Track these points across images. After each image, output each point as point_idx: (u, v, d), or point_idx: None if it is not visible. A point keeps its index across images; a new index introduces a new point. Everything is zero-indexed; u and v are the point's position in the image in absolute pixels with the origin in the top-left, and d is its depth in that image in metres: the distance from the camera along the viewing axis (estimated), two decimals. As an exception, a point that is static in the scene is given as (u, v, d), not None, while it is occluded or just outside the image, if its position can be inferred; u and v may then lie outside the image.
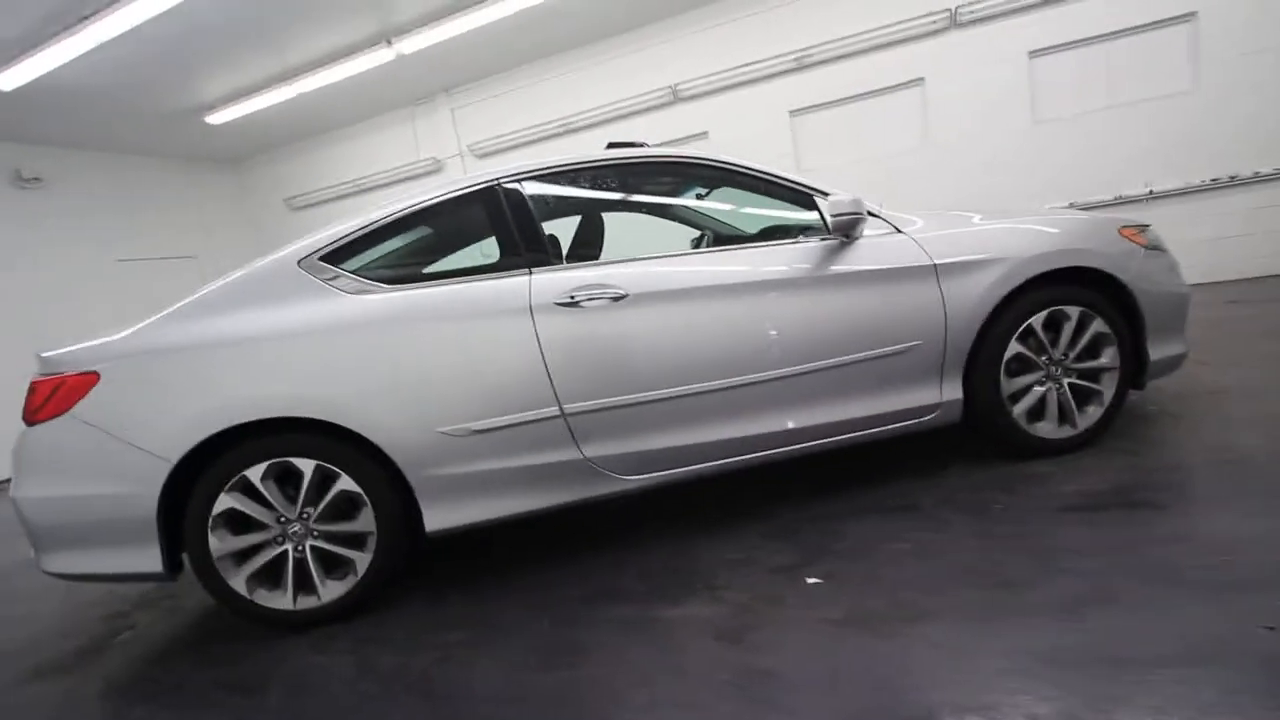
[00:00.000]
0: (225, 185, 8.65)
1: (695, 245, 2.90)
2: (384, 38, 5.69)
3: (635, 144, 2.44)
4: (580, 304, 2.02)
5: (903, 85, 5.86)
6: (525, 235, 2.12)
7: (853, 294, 2.14)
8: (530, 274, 2.06)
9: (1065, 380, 2.33)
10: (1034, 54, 5.48)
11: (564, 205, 2.29)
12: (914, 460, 2.52)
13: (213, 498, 1.92)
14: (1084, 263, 2.27)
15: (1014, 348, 2.26)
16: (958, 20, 5.56)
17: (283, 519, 1.98)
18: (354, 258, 2.10)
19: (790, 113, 6.18)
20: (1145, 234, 2.45)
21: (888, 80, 5.87)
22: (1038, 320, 2.26)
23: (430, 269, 2.12)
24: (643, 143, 2.46)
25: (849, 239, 2.15)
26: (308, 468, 1.95)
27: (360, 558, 2.01)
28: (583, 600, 1.92)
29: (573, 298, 2.01)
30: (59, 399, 1.92)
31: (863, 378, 2.16)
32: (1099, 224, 2.39)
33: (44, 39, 4.64)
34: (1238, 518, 1.76)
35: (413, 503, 2.02)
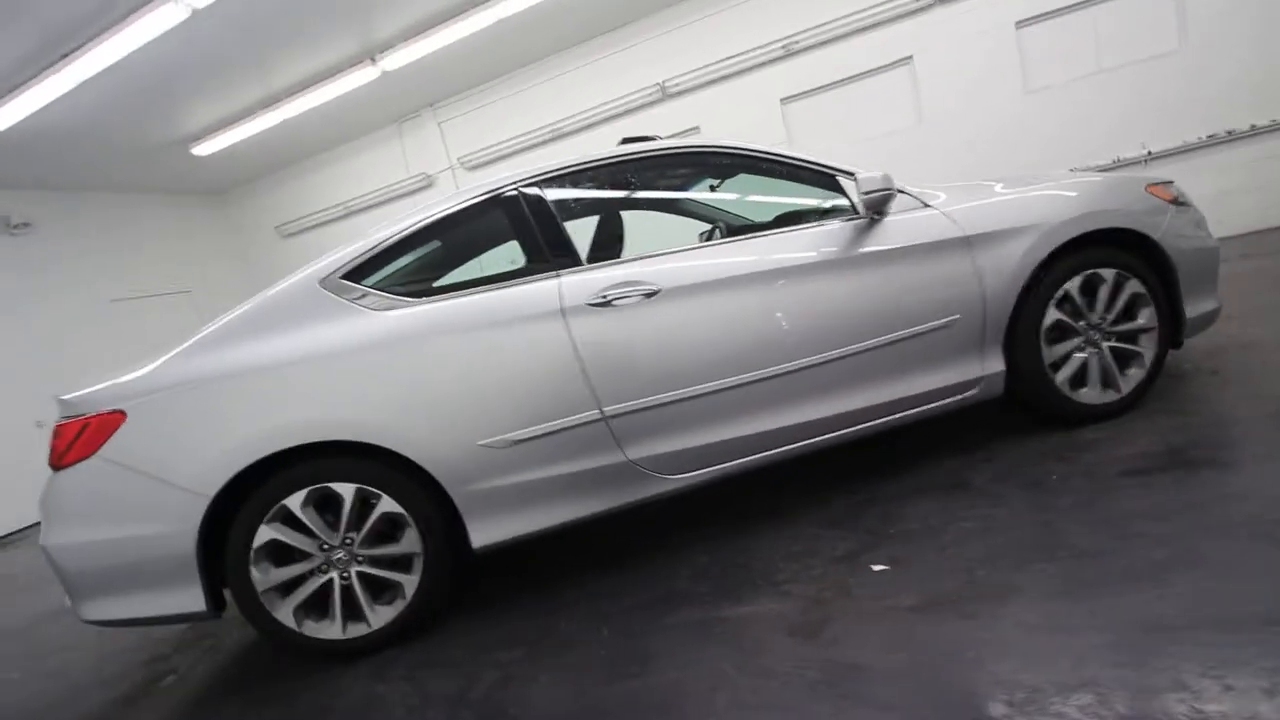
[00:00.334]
0: (214, 217, 8.56)
1: (708, 238, 2.86)
2: (367, 55, 5.63)
3: (648, 138, 2.39)
4: (613, 303, 1.97)
5: (892, 65, 5.84)
6: (549, 238, 2.07)
7: (888, 272, 2.10)
8: (559, 276, 2.01)
9: (1105, 344, 2.29)
10: (1021, 24, 5.47)
11: (585, 204, 2.24)
12: (955, 438, 2.47)
13: (253, 530, 1.86)
14: (1116, 223, 2.23)
15: (1052, 314, 2.22)
16: (942, -4, 5.54)
17: (325, 546, 1.92)
18: (376, 274, 2.04)
19: (781, 100, 6.15)
20: (1170, 189, 2.42)
21: (876, 61, 5.85)
22: (1074, 285, 2.23)
23: (455, 279, 2.06)
24: (655, 136, 2.42)
25: (879, 216, 2.11)
26: (348, 492, 1.89)
27: (407, 580, 1.95)
28: (640, 607, 1.87)
29: (605, 297, 1.96)
30: (85, 441, 1.86)
31: (904, 357, 2.12)
32: (1126, 183, 2.36)
33: (24, 81, 4.56)
34: (1304, 468, 1.73)
35: (456, 520, 1.97)
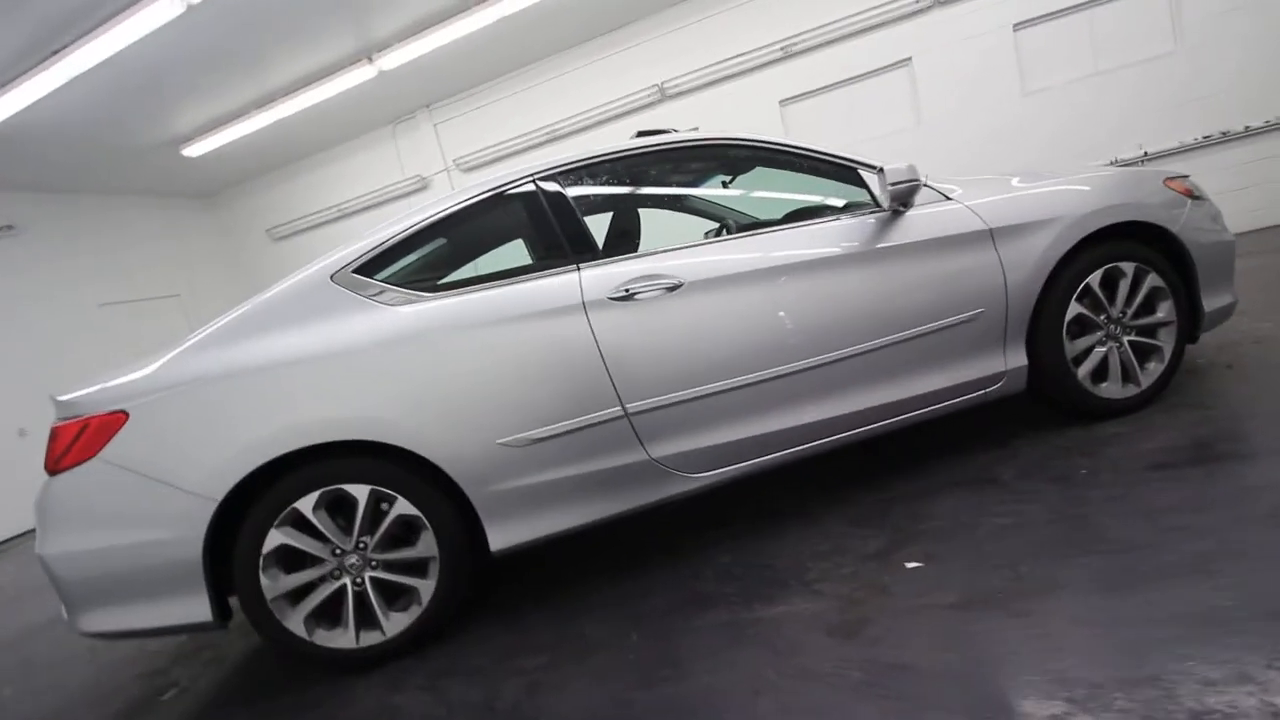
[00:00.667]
0: (204, 220, 8.42)
1: (716, 234, 2.81)
2: (364, 54, 5.56)
3: (664, 130, 2.35)
4: (635, 297, 1.92)
5: (891, 66, 5.86)
6: (568, 230, 2.01)
7: (913, 265, 2.07)
8: (578, 270, 1.95)
9: (1125, 338, 2.27)
10: (1018, 26, 5.51)
11: (602, 197, 2.19)
12: (975, 434, 2.44)
13: (262, 534, 1.78)
14: (1137, 217, 2.22)
15: (1074, 309, 2.20)
16: (940, -2, 5.57)
17: (338, 551, 1.85)
18: (389, 268, 1.98)
19: (781, 102, 6.15)
20: (1187, 183, 2.41)
21: (875, 63, 5.87)
22: (1095, 279, 2.21)
23: (469, 274, 2.00)
24: (672, 129, 2.38)
25: (905, 208, 2.08)
26: (361, 494, 1.82)
27: (423, 585, 1.88)
28: (668, 609, 1.81)
29: (628, 291, 1.91)
30: (84, 443, 1.78)
31: (929, 351, 2.09)
32: (1144, 177, 2.35)
33: (12, 77, 4.45)
34: (1340, 459, 1.71)
35: (474, 522, 1.90)
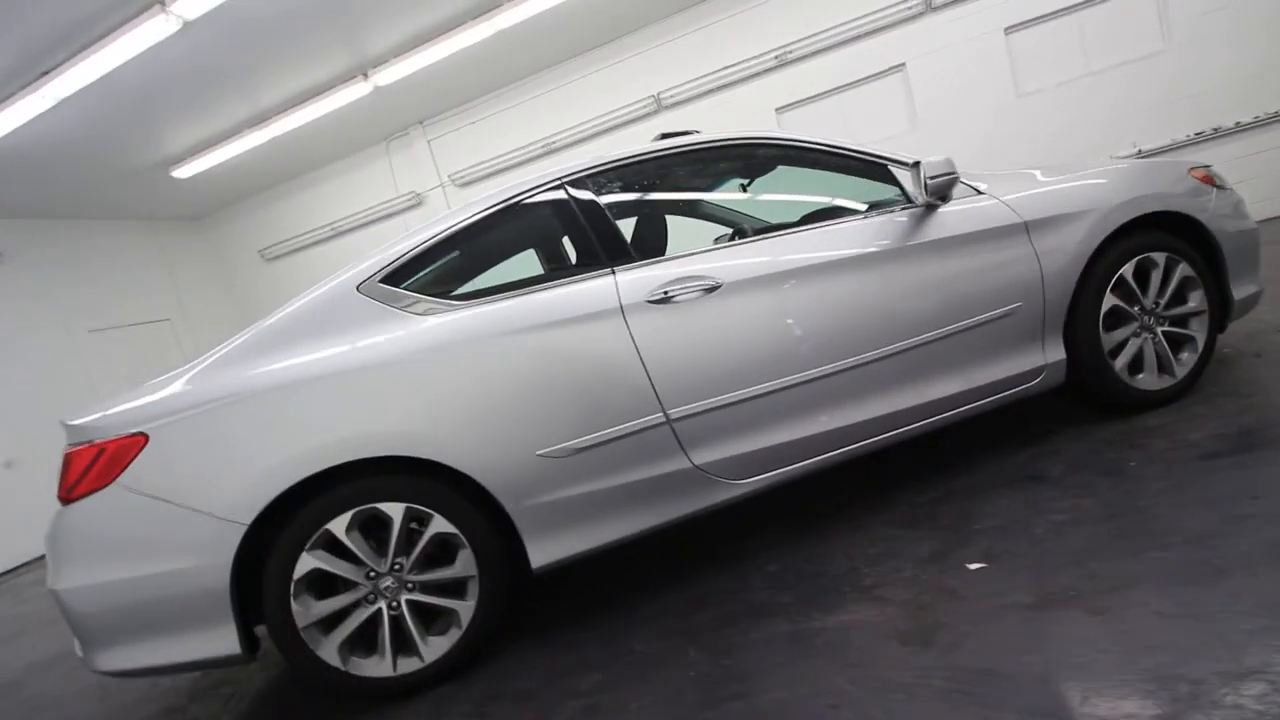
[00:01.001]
0: (194, 242, 8.28)
1: (733, 236, 2.77)
2: (359, 71, 5.51)
3: (688, 132, 2.32)
4: (674, 299, 1.87)
5: (885, 72, 5.91)
6: (600, 234, 1.96)
7: (952, 260, 2.04)
8: (614, 273, 1.90)
9: (1159, 329, 2.26)
10: (1010, 29, 5.58)
11: (633, 198, 2.13)
12: (1012, 431, 2.40)
13: (292, 559, 1.69)
14: (1167, 207, 2.21)
15: (1109, 300, 2.18)
16: (932, 4, 5.64)
17: (372, 574, 1.76)
18: (416, 277, 1.91)
19: (776, 110, 6.17)
20: (1209, 172, 2.41)
21: (869, 69, 5.91)
22: (1128, 270, 2.19)
23: (500, 281, 1.94)
24: (696, 130, 2.34)
25: (943, 202, 2.05)
26: (396, 512, 1.74)
27: (462, 607, 1.79)
28: (722, 622, 1.73)
29: (666, 293, 1.86)
30: (100, 469, 1.68)
31: (969, 347, 2.05)
32: (1170, 168, 2.35)
33: (2, 99, 4.35)
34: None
35: (513, 539, 1.83)
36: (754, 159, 2.28)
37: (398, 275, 1.89)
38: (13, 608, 4.46)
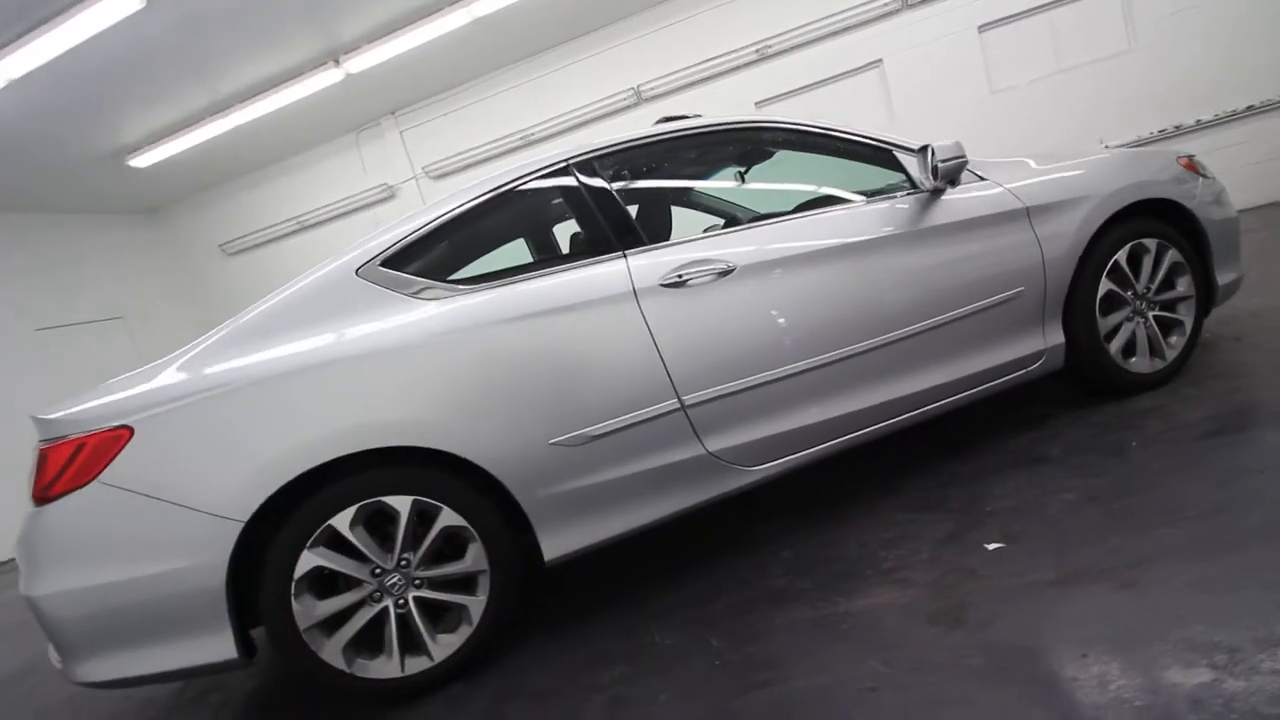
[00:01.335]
0: (148, 236, 7.90)
1: (730, 223, 2.75)
2: (330, 57, 5.32)
3: (685, 116, 2.28)
4: (688, 283, 1.83)
5: (863, 68, 5.98)
6: (610, 217, 1.91)
7: (959, 244, 2.05)
8: (625, 257, 1.85)
9: (1150, 314, 2.31)
10: (983, 28, 5.70)
11: (640, 181, 2.09)
12: (1007, 416, 2.44)
13: (293, 557, 1.60)
14: (1159, 194, 2.27)
15: (1105, 285, 2.22)
16: (908, 1, 5.72)
17: (378, 571, 1.68)
18: (420, 260, 1.83)
19: (756, 104, 6.19)
20: (1194, 161, 2.48)
21: (848, 64, 5.98)
22: (1122, 255, 2.24)
23: (505, 265, 1.87)
24: (698, 115, 2.31)
25: (952, 185, 2.06)
26: (403, 506, 1.66)
27: (473, 602, 1.72)
28: (741, 610, 1.70)
29: (681, 276, 1.82)
30: (80, 465, 1.56)
31: (975, 331, 2.07)
32: (1160, 156, 2.41)
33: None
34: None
35: (524, 530, 1.76)
36: (760, 143, 2.25)
37: (399, 259, 1.81)
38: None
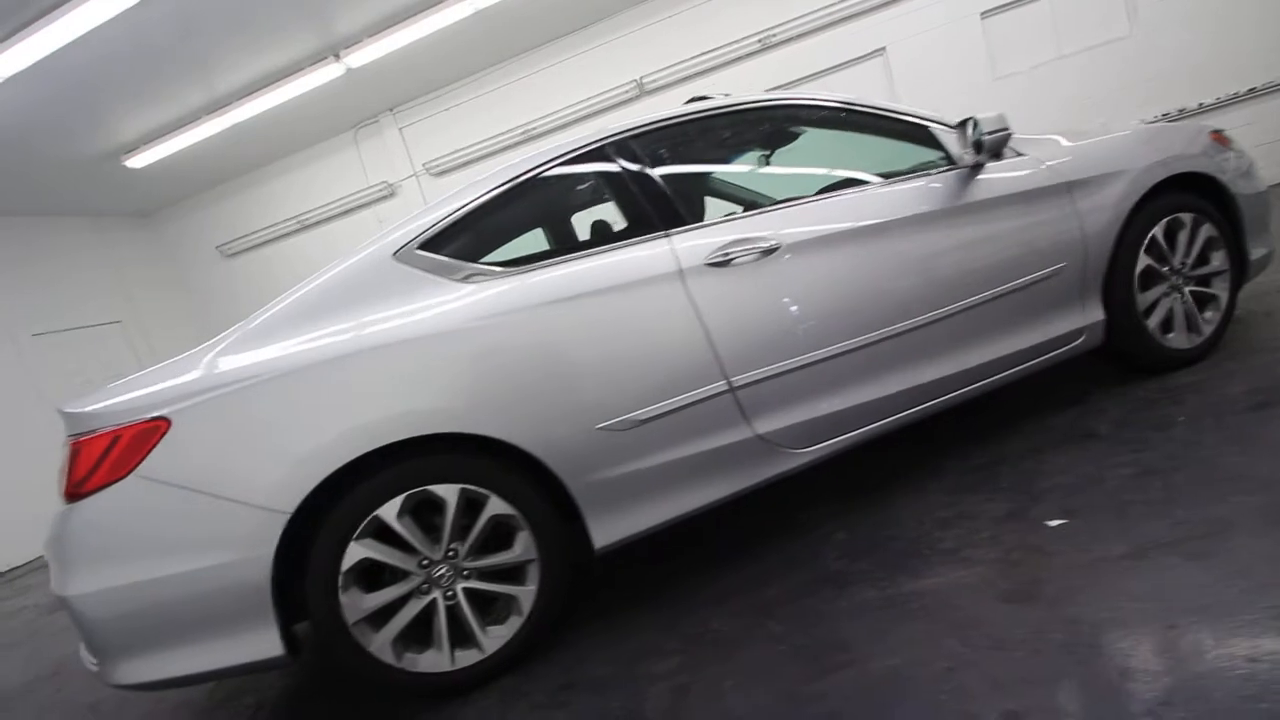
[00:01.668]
0: (144, 239, 7.77)
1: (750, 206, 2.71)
2: (330, 51, 5.24)
3: (708, 97, 2.24)
4: (733, 261, 1.79)
5: (866, 56, 5.96)
6: (651, 197, 1.87)
7: (1004, 220, 2.02)
8: (669, 237, 1.81)
9: (1186, 289, 2.30)
10: (985, 14, 5.69)
11: (678, 160, 2.04)
12: (1044, 394, 2.42)
13: (340, 550, 1.54)
14: (1195, 168, 2.25)
15: (1143, 260, 2.20)
16: (911, -12, 5.71)
17: (425, 562, 1.63)
18: (457, 243, 1.78)
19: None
20: (1225, 136, 2.47)
21: (851, 53, 5.95)
22: (1159, 230, 2.22)
23: (546, 248, 1.83)
24: (728, 94, 2.26)
25: (997, 159, 2.04)
26: (451, 495, 1.61)
27: (523, 592, 1.68)
28: (799, 593, 1.67)
29: (726, 255, 1.78)
30: (116, 459, 1.50)
31: (1019, 307, 2.04)
32: (1193, 131, 2.39)
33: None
34: None
35: (572, 518, 1.72)
36: (796, 120, 2.21)
37: (437, 242, 1.76)
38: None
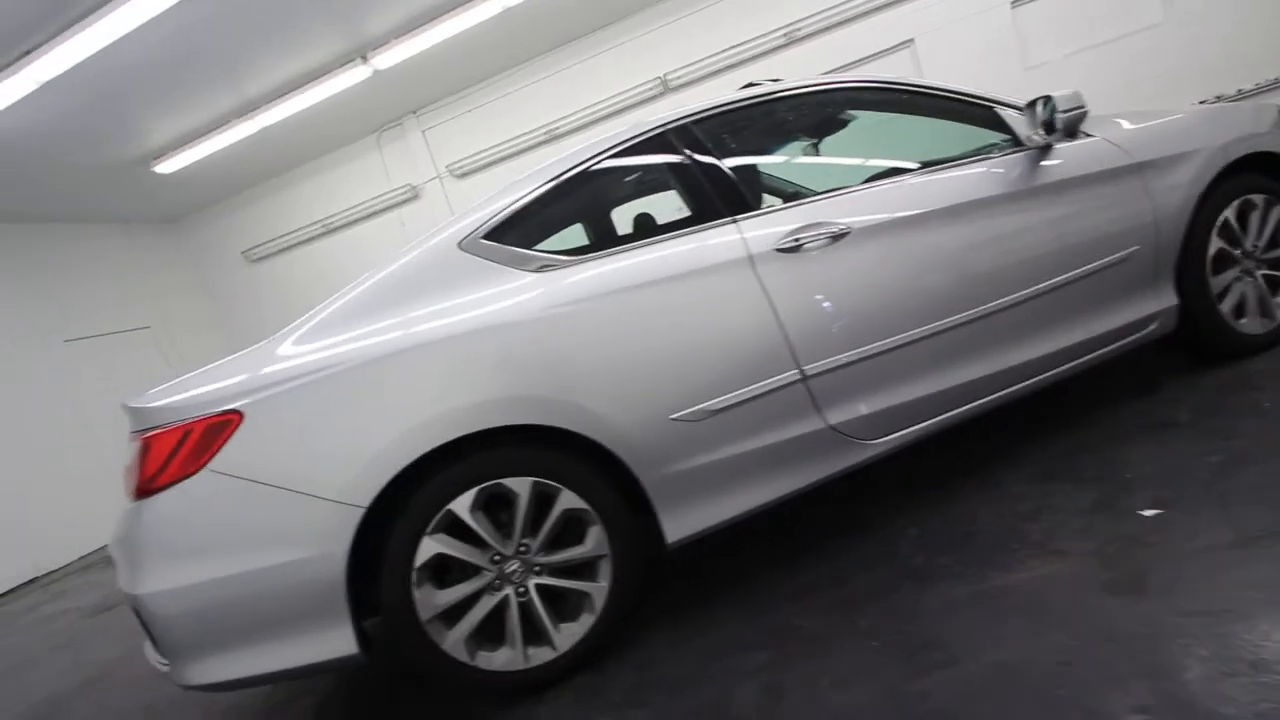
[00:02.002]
0: (173, 245, 7.84)
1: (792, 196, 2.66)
2: (359, 53, 5.25)
3: (761, 82, 2.20)
4: (803, 247, 1.74)
5: (894, 48, 5.88)
6: (715, 182, 1.83)
7: (1076, 202, 1.96)
8: (736, 222, 1.77)
9: (1259, 273, 2.22)
10: (1016, 3, 5.61)
11: (740, 145, 2.00)
12: (1115, 382, 2.34)
13: (413, 544, 1.51)
14: (1267, 147, 2.18)
15: (1215, 243, 2.13)
16: (938, -21, 5.63)
17: (497, 558, 1.59)
18: (520, 231, 1.75)
19: (785, 89, 6.09)
20: (1294, 116, 2.39)
21: (878, 45, 5.88)
22: (1231, 212, 2.15)
23: (613, 235, 1.79)
24: (779, 79, 2.22)
25: (1071, 138, 1.98)
26: (523, 488, 1.58)
27: (595, 589, 1.64)
28: (882, 591, 1.61)
29: (797, 240, 1.73)
30: (187, 453, 1.48)
31: (1092, 292, 1.98)
32: (1263, 110, 2.31)
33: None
34: None
35: (643, 512, 1.68)
36: (858, 103, 2.17)
37: (501, 231, 1.73)
38: (6, 635, 4.10)
